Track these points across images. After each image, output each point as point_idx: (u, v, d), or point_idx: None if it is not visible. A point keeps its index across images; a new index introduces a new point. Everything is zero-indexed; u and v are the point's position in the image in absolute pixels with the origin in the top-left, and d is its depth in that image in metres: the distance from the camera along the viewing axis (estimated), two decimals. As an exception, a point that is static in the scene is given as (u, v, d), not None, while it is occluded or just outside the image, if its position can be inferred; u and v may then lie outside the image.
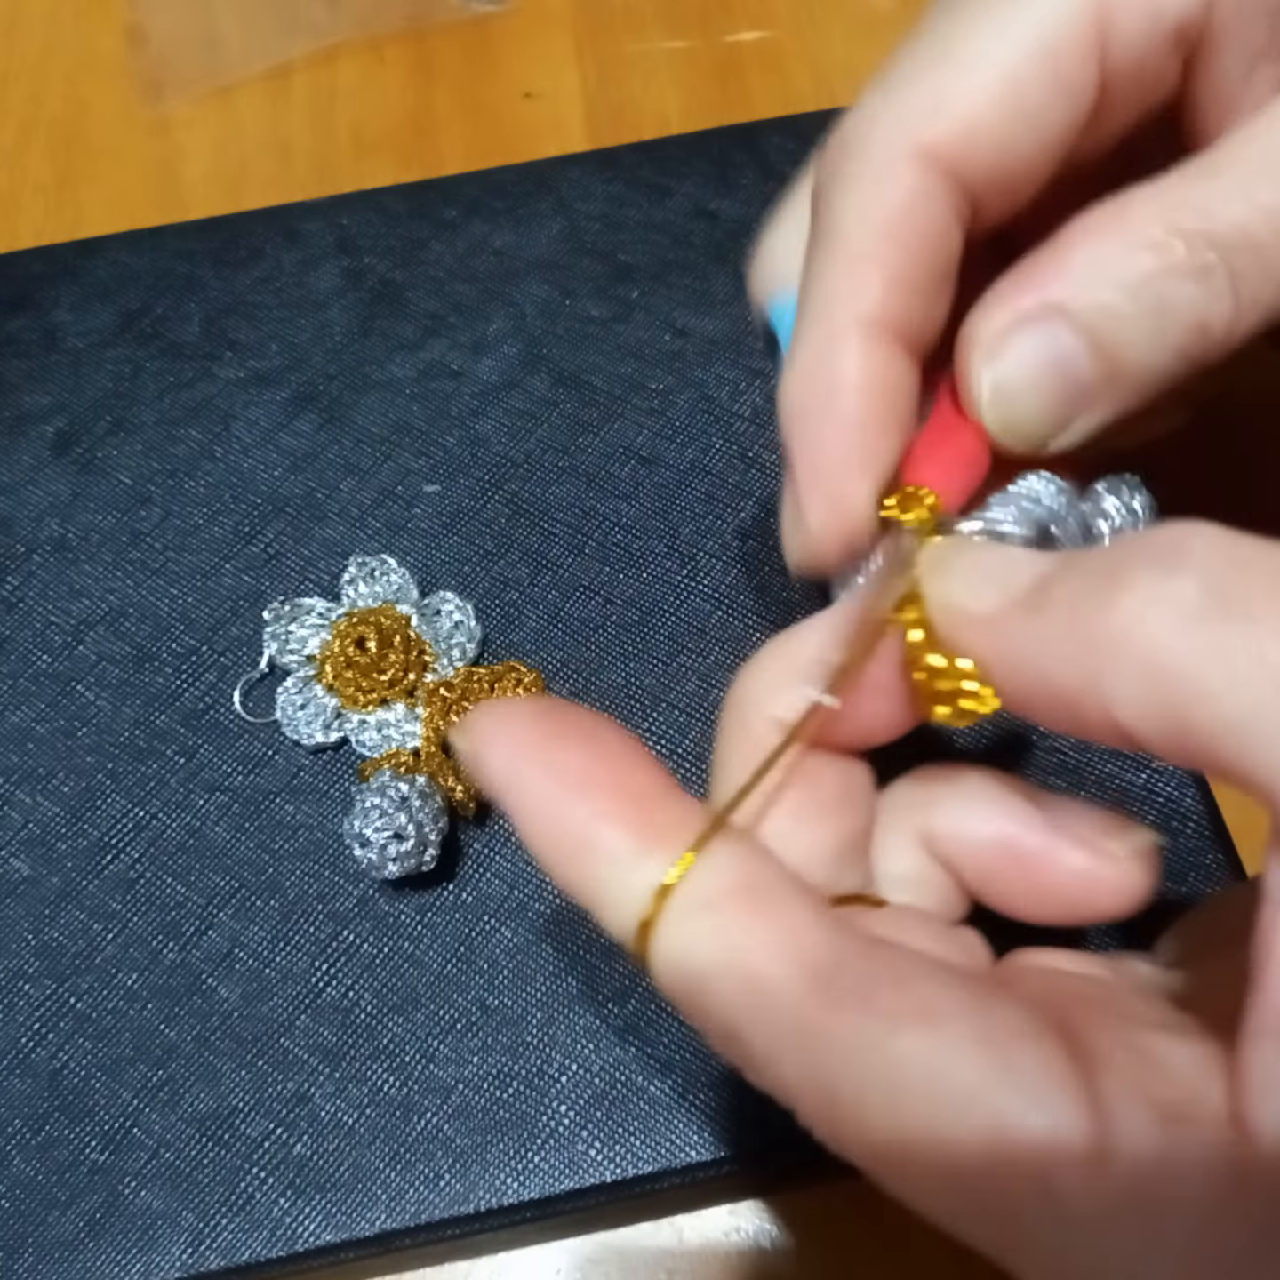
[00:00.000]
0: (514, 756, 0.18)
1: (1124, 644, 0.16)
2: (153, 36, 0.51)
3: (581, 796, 0.18)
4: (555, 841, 0.18)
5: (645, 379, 0.39)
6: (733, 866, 0.18)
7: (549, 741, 0.18)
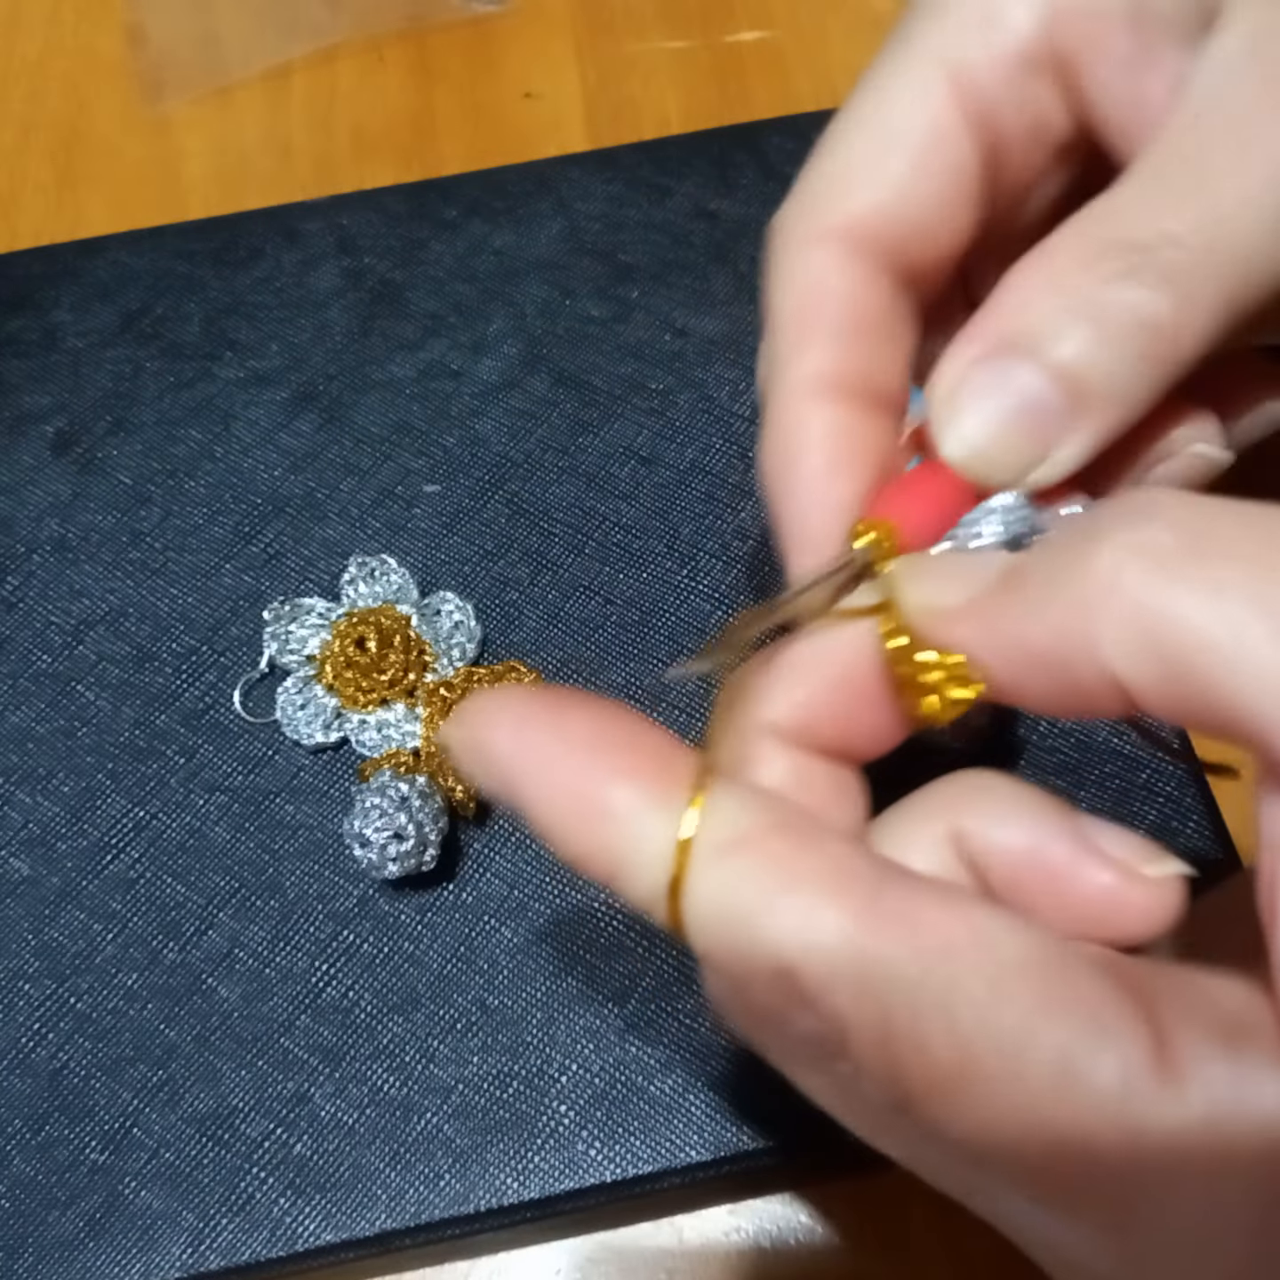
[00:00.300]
0: (516, 735, 0.18)
1: (1108, 595, 0.16)
2: (153, 36, 0.51)
3: (589, 760, 0.17)
4: (567, 813, 0.17)
5: (645, 379, 0.39)
6: (756, 804, 0.17)
7: (549, 714, 0.18)
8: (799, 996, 0.16)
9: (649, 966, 0.31)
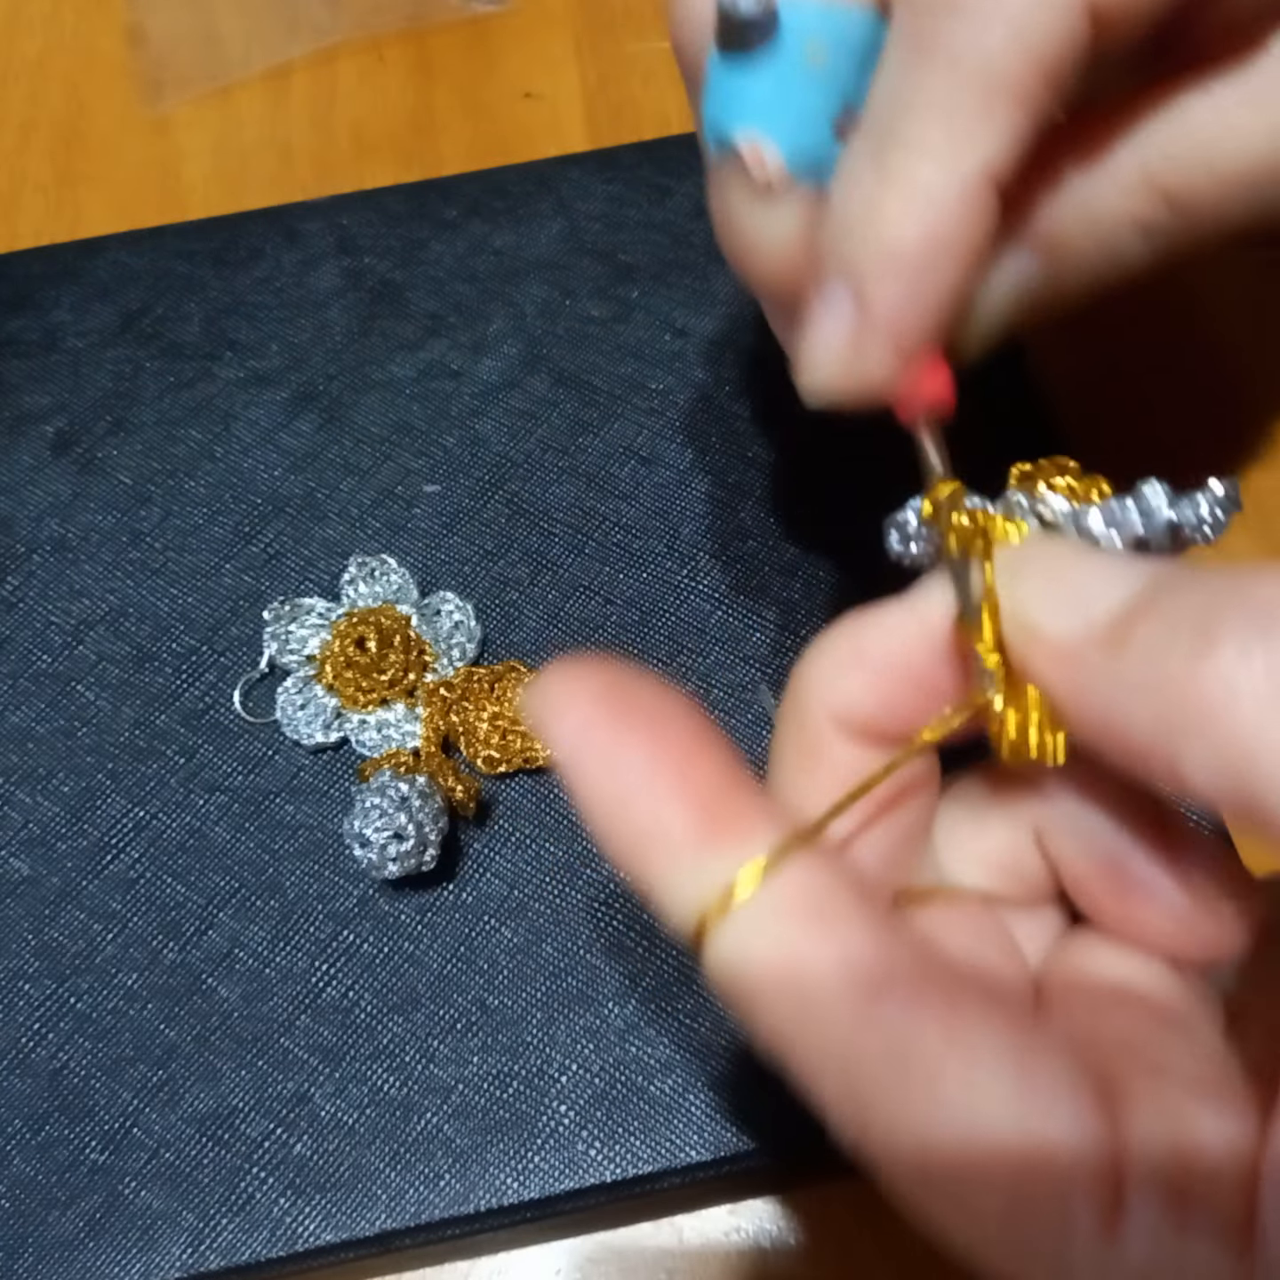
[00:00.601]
0: (581, 731, 0.17)
1: (1205, 713, 0.15)
2: (153, 36, 0.51)
3: (649, 784, 0.17)
4: (618, 826, 0.17)
5: (645, 379, 0.39)
6: (797, 877, 0.17)
7: (618, 719, 0.17)
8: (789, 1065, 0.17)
9: (649, 966, 0.31)
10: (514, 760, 0.33)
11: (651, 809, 0.17)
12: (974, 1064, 0.16)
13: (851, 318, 0.21)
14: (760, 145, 0.22)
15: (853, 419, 0.23)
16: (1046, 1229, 0.16)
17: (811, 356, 0.22)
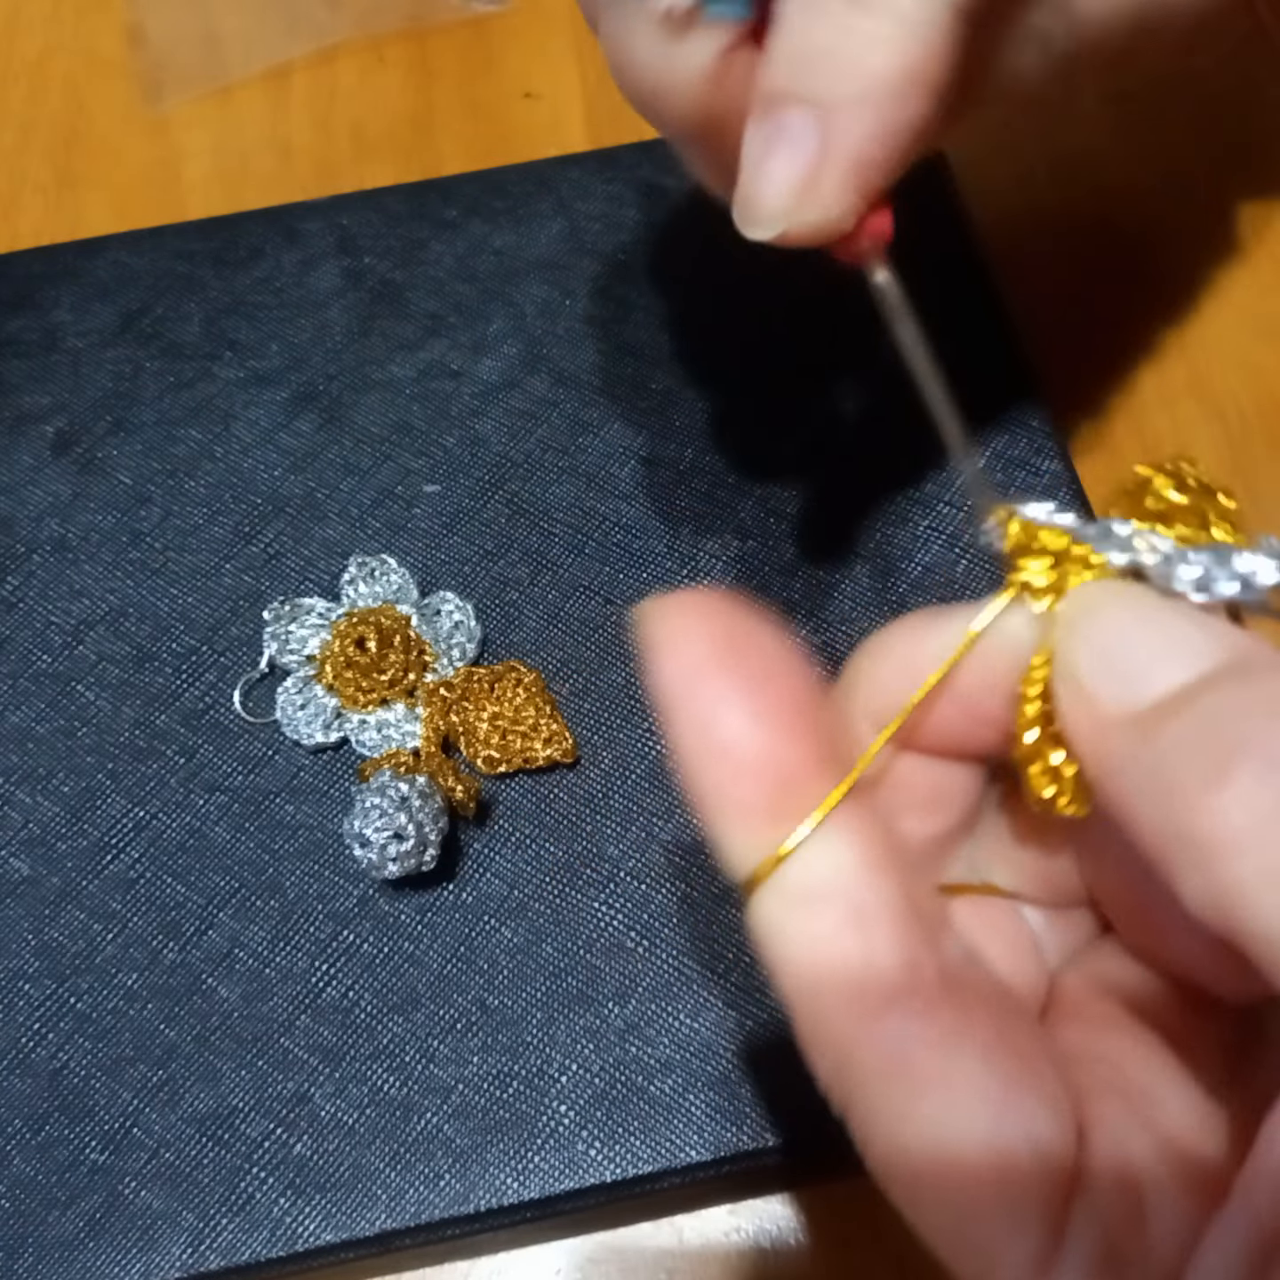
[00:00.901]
0: (688, 672, 0.17)
1: (1203, 844, 0.14)
2: (153, 36, 0.51)
3: (737, 744, 0.17)
4: (704, 772, 0.17)
5: (645, 379, 0.39)
6: (841, 867, 0.17)
7: (728, 670, 0.17)
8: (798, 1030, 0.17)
9: (649, 966, 0.31)
10: (514, 760, 0.33)
11: (741, 765, 0.17)
12: (960, 1085, 0.16)
13: (813, 150, 0.21)
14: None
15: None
16: (982, 1250, 0.16)
17: (760, 190, 0.21)
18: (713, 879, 0.31)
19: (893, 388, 0.38)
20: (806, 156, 0.21)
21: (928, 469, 0.37)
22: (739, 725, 0.17)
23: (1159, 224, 0.44)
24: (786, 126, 0.21)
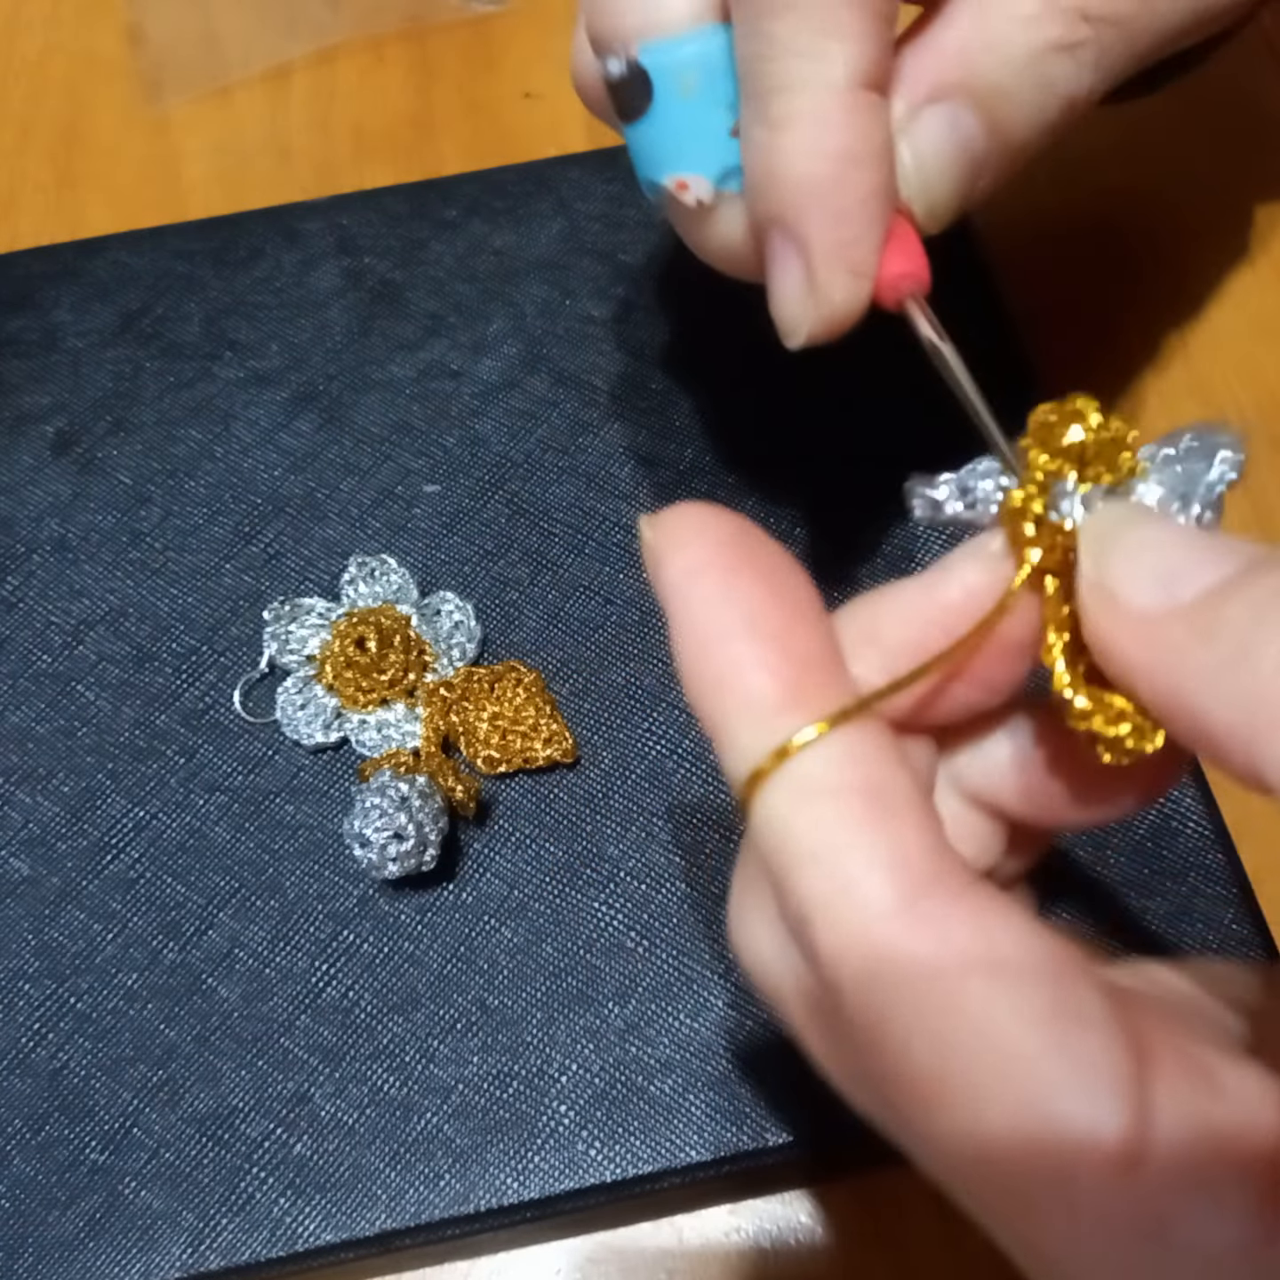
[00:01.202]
0: (690, 571, 0.18)
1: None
2: (153, 36, 0.51)
3: (741, 636, 0.17)
4: (701, 667, 0.18)
5: (645, 379, 0.39)
6: (860, 757, 0.17)
7: (730, 569, 0.18)
8: (806, 948, 0.17)
9: (649, 966, 0.31)
10: (514, 760, 0.33)
11: (736, 660, 0.17)
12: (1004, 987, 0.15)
13: (798, 262, 0.23)
14: (683, 182, 0.24)
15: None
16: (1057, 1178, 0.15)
17: (784, 312, 0.24)
18: (713, 879, 0.31)
19: (893, 388, 0.38)
20: (797, 270, 0.23)
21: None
22: (747, 613, 0.17)
23: (1159, 226, 0.44)
24: (775, 253, 0.23)
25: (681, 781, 0.33)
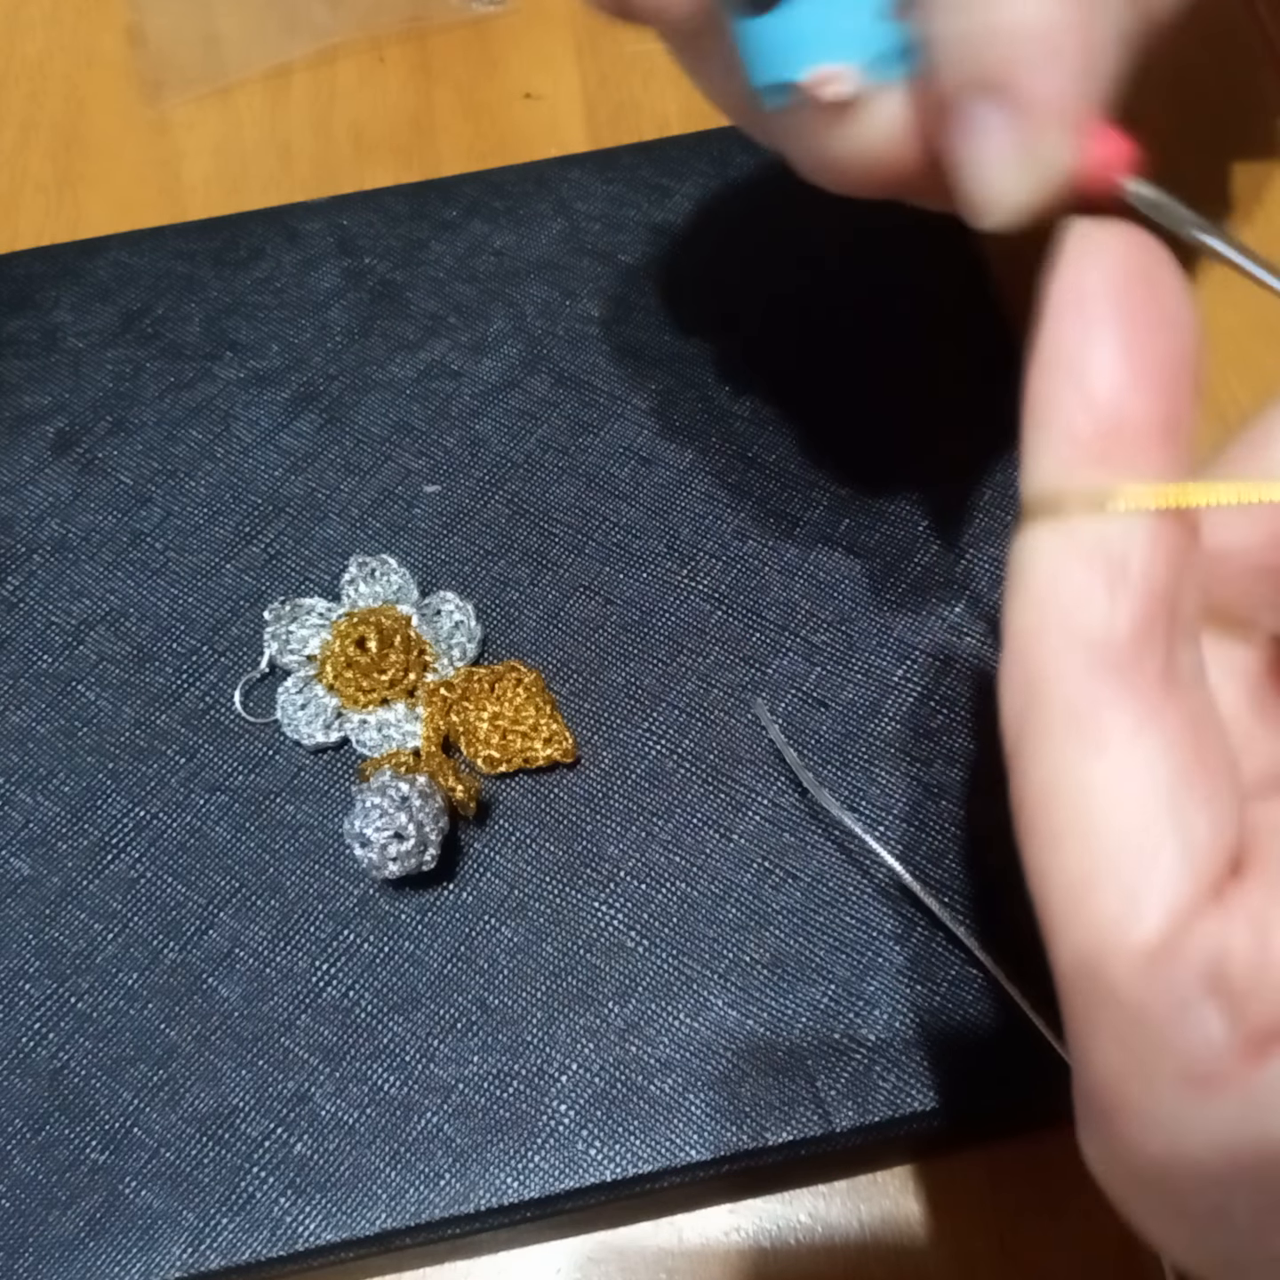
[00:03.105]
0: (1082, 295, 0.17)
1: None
2: (153, 36, 0.51)
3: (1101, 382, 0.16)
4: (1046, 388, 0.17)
5: (645, 379, 0.39)
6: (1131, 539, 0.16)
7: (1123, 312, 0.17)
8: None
9: (649, 966, 0.31)
10: (514, 760, 0.33)
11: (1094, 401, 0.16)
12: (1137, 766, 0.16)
13: (1014, 124, 0.21)
14: (825, 75, 0.21)
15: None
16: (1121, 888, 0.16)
17: (992, 181, 0.21)
18: (713, 879, 0.31)
19: (894, 388, 0.38)
20: (1008, 132, 0.21)
21: (928, 469, 0.37)
22: (1110, 366, 0.16)
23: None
24: (975, 120, 0.21)
25: (681, 781, 0.33)
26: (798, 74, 0.21)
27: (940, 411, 0.38)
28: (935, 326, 0.39)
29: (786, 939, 0.31)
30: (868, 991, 0.30)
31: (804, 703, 0.33)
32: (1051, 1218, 0.30)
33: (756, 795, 0.32)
